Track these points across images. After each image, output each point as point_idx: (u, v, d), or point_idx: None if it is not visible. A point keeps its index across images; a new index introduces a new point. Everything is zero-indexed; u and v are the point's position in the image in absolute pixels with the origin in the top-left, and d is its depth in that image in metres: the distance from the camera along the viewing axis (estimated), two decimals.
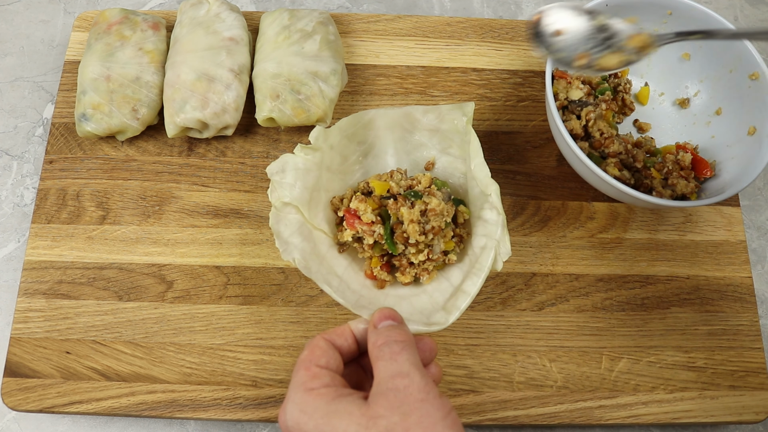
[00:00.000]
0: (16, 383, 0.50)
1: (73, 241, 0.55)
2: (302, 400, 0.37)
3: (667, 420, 0.52)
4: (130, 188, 0.57)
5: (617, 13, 0.57)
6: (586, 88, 0.58)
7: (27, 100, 0.64)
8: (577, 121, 0.56)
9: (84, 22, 0.63)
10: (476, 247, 0.49)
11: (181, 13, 0.60)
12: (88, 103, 0.56)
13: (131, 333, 0.52)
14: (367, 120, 0.53)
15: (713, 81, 0.59)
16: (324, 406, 0.37)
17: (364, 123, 0.53)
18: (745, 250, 0.58)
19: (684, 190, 0.54)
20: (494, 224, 0.48)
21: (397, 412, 0.35)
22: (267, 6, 0.70)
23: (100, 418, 0.53)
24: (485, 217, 0.49)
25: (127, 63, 0.57)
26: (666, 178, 0.55)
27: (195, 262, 0.55)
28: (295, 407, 0.37)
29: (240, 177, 0.58)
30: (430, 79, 0.62)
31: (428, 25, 0.65)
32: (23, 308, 0.53)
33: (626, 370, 0.53)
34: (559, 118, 0.51)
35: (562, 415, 0.51)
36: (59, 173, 0.57)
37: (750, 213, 0.63)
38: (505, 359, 0.53)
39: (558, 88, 0.57)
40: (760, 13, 0.73)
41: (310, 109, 0.56)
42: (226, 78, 0.56)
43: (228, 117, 0.56)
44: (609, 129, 0.56)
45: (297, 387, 0.38)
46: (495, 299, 0.54)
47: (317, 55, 0.57)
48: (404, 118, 0.54)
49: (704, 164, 0.56)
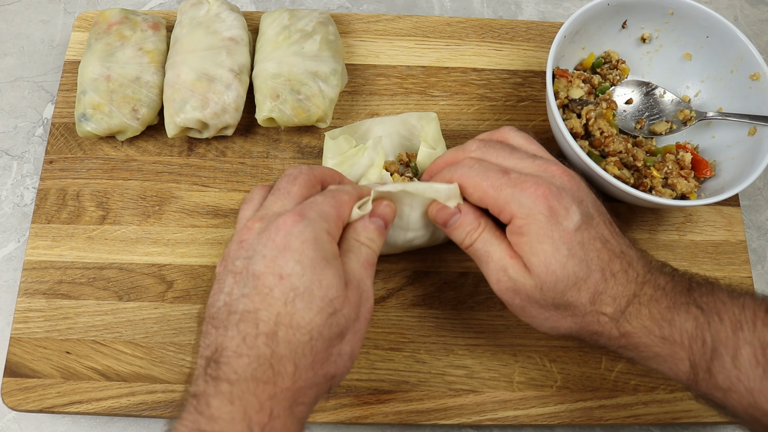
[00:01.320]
0: (16, 383, 0.50)
1: (73, 241, 0.55)
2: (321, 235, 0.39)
3: (667, 420, 0.52)
4: (130, 188, 0.57)
5: (619, 12, 0.58)
6: (586, 87, 0.58)
7: (27, 100, 0.64)
8: (578, 120, 0.56)
9: (84, 22, 0.63)
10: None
11: (181, 13, 0.60)
12: (88, 103, 0.56)
13: (131, 333, 0.52)
14: (363, 130, 0.54)
15: (714, 81, 0.59)
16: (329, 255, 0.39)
17: (360, 133, 0.54)
18: (745, 250, 0.58)
19: (684, 190, 0.54)
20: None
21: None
22: (267, 6, 0.70)
23: (100, 418, 0.53)
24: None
25: (127, 63, 0.57)
26: (666, 178, 0.55)
27: (195, 262, 0.55)
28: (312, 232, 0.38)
29: (240, 177, 0.58)
30: (430, 79, 0.62)
31: (428, 25, 0.65)
32: (23, 308, 0.53)
33: (626, 370, 0.53)
34: (559, 116, 0.51)
35: (562, 415, 0.51)
36: (59, 173, 0.57)
37: (750, 213, 0.63)
38: (505, 359, 0.53)
39: (558, 86, 0.57)
40: (760, 13, 0.73)
41: (310, 109, 0.56)
42: (226, 78, 0.56)
43: (228, 117, 0.56)
44: (609, 128, 0.56)
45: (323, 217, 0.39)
46: (495, 299, 0.54)
47: (317, 55, 0.57)
48: (401, 126, 0.54)
49: (704, 164, 0.56)
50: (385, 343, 0.53)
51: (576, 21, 0.55)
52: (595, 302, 0.41)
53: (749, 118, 0.54)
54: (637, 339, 0.40)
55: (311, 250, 0.37)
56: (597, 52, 0.60)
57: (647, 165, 0.56)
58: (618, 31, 0.60)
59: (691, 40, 0.58)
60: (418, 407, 0.51)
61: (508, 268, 0.42)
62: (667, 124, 0.58)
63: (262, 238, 0.38)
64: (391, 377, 0.52)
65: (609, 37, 0.60)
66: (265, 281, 0.37)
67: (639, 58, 0.61)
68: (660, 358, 0.40)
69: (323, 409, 0.51)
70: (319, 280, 0.37)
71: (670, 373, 0.41)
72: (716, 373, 0.38)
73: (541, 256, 0.40)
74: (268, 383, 0.35)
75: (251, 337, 0.36)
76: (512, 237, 0.42)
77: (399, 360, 0.52)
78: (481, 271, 0.55)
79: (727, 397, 0.38)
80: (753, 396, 0.37)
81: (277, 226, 0.38)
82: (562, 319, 0.42)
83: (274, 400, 0.35)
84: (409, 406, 0.51)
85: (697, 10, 0.56)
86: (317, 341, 0.37)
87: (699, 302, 0.40)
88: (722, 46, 0.57)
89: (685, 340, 0.39)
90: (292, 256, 0.37)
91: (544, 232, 0.40)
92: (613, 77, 0.60)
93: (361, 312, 0.40)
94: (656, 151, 0.58)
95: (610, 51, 0.60)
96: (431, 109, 0.61)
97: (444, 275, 0.55)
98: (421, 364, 0.52)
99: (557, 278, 0.40)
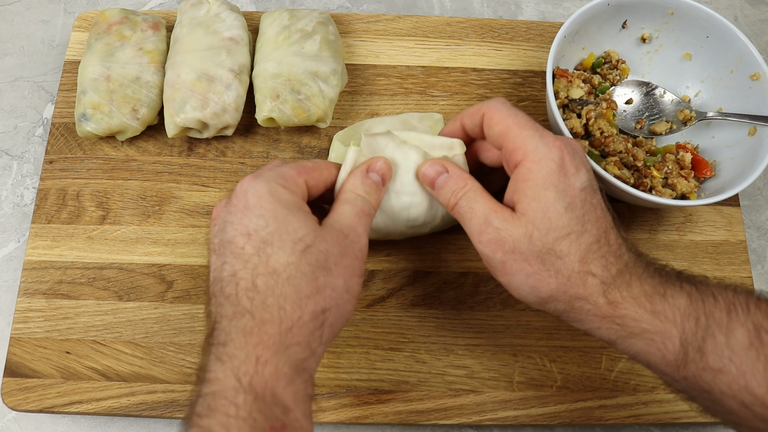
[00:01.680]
0: (16, 383, 0.50)
1: (73, 241, 0.55)
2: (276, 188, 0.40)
3: (667, 420, 0.52)
4: (130, 188, 0.57)
5: (619, 12, 0.58)
6: (586, 87, 0.58)
7: (27, 100, 0.64)
8: (578, 120, 0.56)
9: (84, 22, 0.63)
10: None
11: (181, 13, 0.60)
12: (88, 103, 0.56)
13: (131, 333, 0.52)
14: (364, 130, 0.54)
15: (714, 81, 0.59)
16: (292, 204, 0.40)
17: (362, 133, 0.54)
18: (745, 250, 0.58)
19: (684, 190, 0.54)
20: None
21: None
22: (267, 6, 0.70)
23: (100, 418, 0.53)
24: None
25: (127, 63, 0.57)
26: (666, 178, 0.55)
27: (195, 262, 0.55)
28: (266, 186, 0.40)
29: (240, 177, 0.58)
30: (430, 79, 0.62)
31: (428, 25, 0.65)
32: (23, 308, 0.53)
33: (626, 370, 0.53)
34: (559, 116, 0.51)
35: (562, 415, 0.51)
36: (59, 173, 0.57)
37: (750, 213, 0.63)
38: (505, 359, 0.53)
39: (558, 86, 0.57)
40: (760, 13, 0.73)
41: (310, 109, 0.56)
42: (226, 78, 0.56)
43: (228, 117, 0.56)
44: (609, 128, 0.56)
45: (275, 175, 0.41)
46: (495, 299, 0.54)
47: (317, 55, 0.57)
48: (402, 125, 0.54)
49: (704, 164, 0.56)
50: (385, 343, 0.53)
51: (576, 21, 0.55)
52: (585, 261, 0.39)
53: (749, 118, 0.54)
54: (624, 311, 0.39)
55: (268, 202, 0.39)
56: (597, 52, 0.60)
57: (647, 165, 0.56)
58: (618, 31, 0.60)
59: (691, 40, 0.58)
60: (418, 407, 0.51)
61: (493, 219, 0.41)
62: (667, 124, 0.59)
63: (228, 208, 0.41)
64: (391, 377, 0.52)
65: (609, 37, 0.60)
66: (237, 243, 0.39)
67: (639, 58, 0.61)
68: (647, 336, 0.38)
69: (323, 409, 0.51)
70: (285, 226, 0.39)
71: (654, 354, 0.39)
72: (708, 352, 0.37)
73: (541, 201, 0.40)
74: (253, 333, 0.36)
75: (234, 297, 0.37)
76: (515, 182, 0.41)
77: (399, 360, 0.52)
78: (481, 271, 0.55)
79: (717, 380, 0.37)
80: (745, 378, 0.36)
81: (236, 192, 0.41)
82: (546, 276, 0.40)
83: (260, 346, 0.36)
84: (409, 406, 0.51)
85: (697, 10, 0.56)
86: (297, 278, 0.38)
87: (693, 281, 0.40)
88: (722, 46, 0.57)
89: (678, 317, 0.38)
90: (253, 212, 0.39)
91: (550, 180, 0.40)
92: (613, 77, 0.60)
93: (348, 250, 0.40)
94: (656, 151, 0.58)
95: (610, 51, 0.60)
96: (431, 109, 0.61)
97: (444, 275, 0.55)
98: (421, 364, 0.52)
99: (551, 225, 0.39)
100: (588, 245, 0.40)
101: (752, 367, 0.36)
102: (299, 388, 0.37)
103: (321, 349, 0.39)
